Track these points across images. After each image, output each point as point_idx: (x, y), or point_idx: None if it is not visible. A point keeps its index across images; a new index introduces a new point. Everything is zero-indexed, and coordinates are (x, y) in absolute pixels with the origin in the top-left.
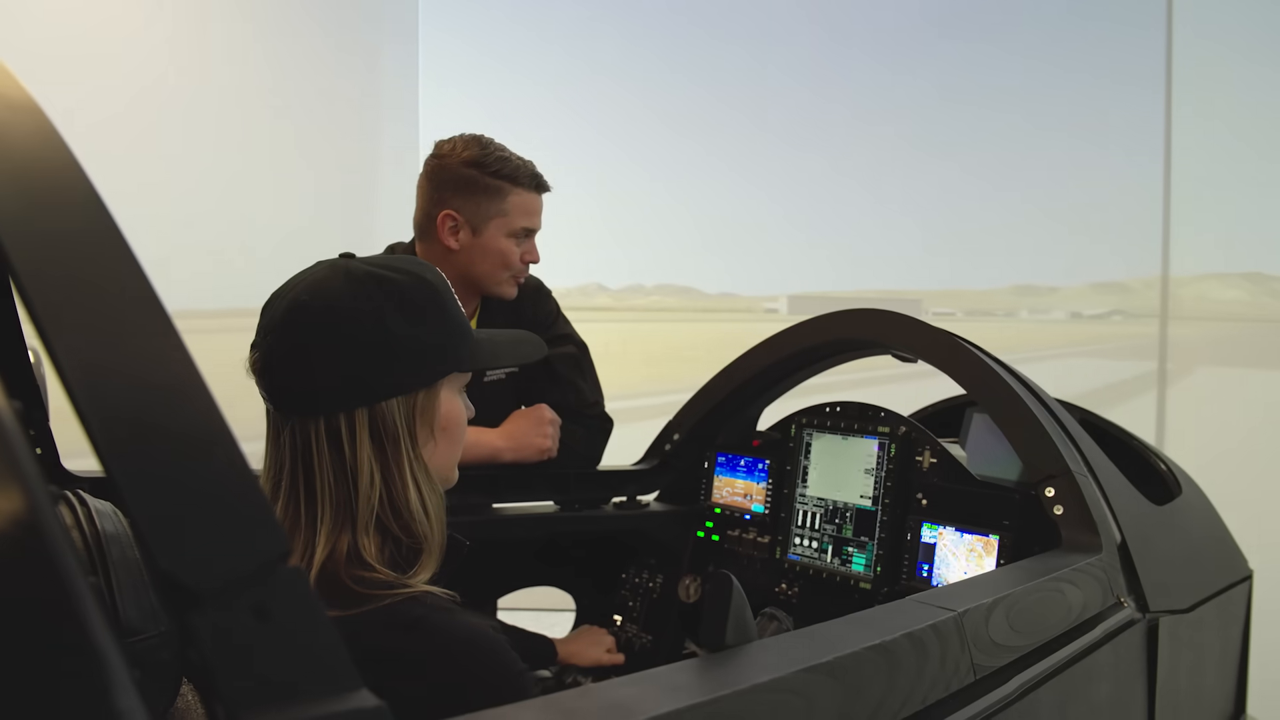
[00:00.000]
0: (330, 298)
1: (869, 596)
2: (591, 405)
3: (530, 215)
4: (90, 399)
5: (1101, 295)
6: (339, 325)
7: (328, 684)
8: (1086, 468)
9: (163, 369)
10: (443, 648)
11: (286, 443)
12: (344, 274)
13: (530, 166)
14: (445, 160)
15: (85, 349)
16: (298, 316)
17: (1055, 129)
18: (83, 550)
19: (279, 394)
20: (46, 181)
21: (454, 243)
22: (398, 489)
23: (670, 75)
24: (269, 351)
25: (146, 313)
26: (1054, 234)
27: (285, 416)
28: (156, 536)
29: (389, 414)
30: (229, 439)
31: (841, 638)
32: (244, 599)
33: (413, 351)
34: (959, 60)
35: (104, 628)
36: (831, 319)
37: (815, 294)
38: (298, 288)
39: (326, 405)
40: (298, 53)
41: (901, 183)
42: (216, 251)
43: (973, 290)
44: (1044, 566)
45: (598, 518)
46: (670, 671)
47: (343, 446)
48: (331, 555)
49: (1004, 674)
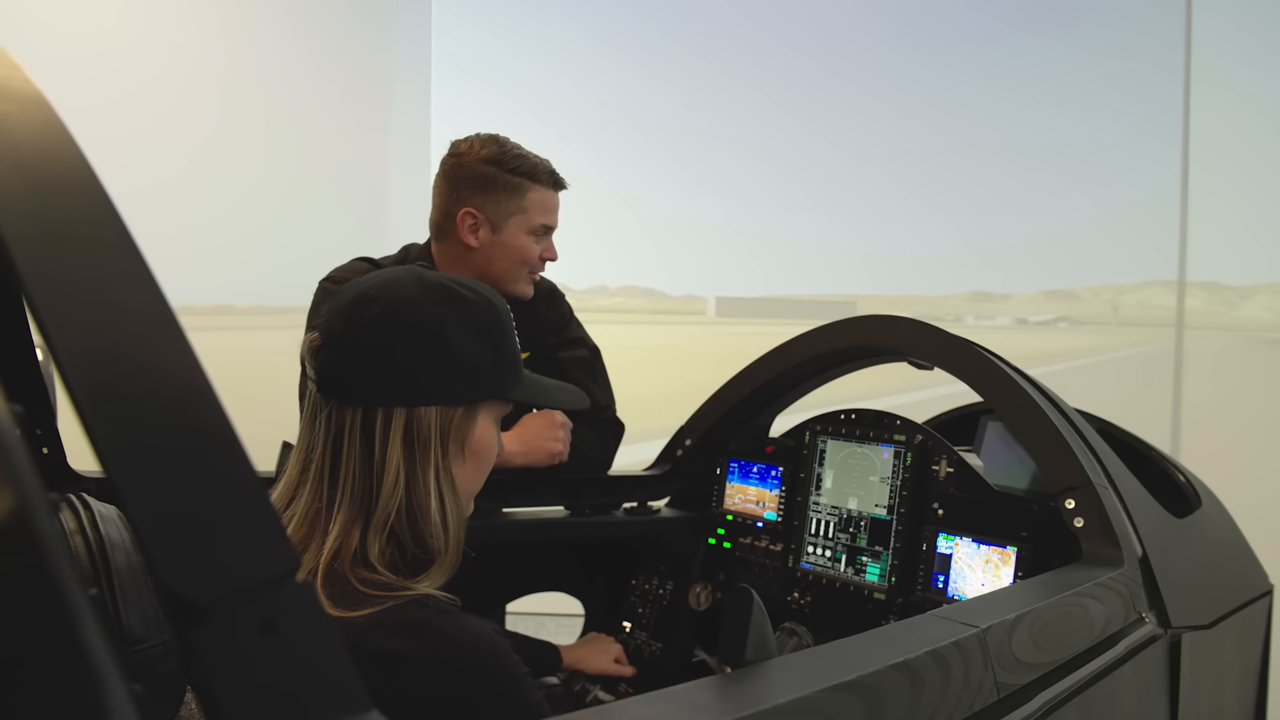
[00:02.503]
0: (400, 297)
1: (883, 607)
2: (603, 409)
3: (549, 212)
4: (93, 403)
5: (1052, 302)
6: (401, 323)
7: (337, 704)
8: (1107, 479)
9: (168, 373)
10: (443, 650)
11: (322, 425)
12: (417, 279)
13: (547, 164)
14: (463, 159)
15: (88, 351)
16: (364, 306)
17: (1017, 138)
18: (85, 557)
19: (326, 376)
20: (53, 178)
21: (474, 240)
22: (420, 495)
23: (639, 77)
24: (328, 333)
25: (152, 315)
26: (1006, 243)
27: (325, 399)
28: (159, 548)
29: (425, 420)
30: (236, 447)
31: (864, 655)
32: (249, 613)
33: (464, 367)
34: (917, 70)
35: (103, 646)
36: (848, 325)
37: (770, 297)
38: (369, 282)
39: (368, 396)
40: (310, 49)
41: (862, 190)
42: (229, 250)
43: (928, 296)
44: (1066, 581)
45: (608, 523)
46: (689, 690)
47: (374, 440)
48: (339, 551)
49: (1027, 692)
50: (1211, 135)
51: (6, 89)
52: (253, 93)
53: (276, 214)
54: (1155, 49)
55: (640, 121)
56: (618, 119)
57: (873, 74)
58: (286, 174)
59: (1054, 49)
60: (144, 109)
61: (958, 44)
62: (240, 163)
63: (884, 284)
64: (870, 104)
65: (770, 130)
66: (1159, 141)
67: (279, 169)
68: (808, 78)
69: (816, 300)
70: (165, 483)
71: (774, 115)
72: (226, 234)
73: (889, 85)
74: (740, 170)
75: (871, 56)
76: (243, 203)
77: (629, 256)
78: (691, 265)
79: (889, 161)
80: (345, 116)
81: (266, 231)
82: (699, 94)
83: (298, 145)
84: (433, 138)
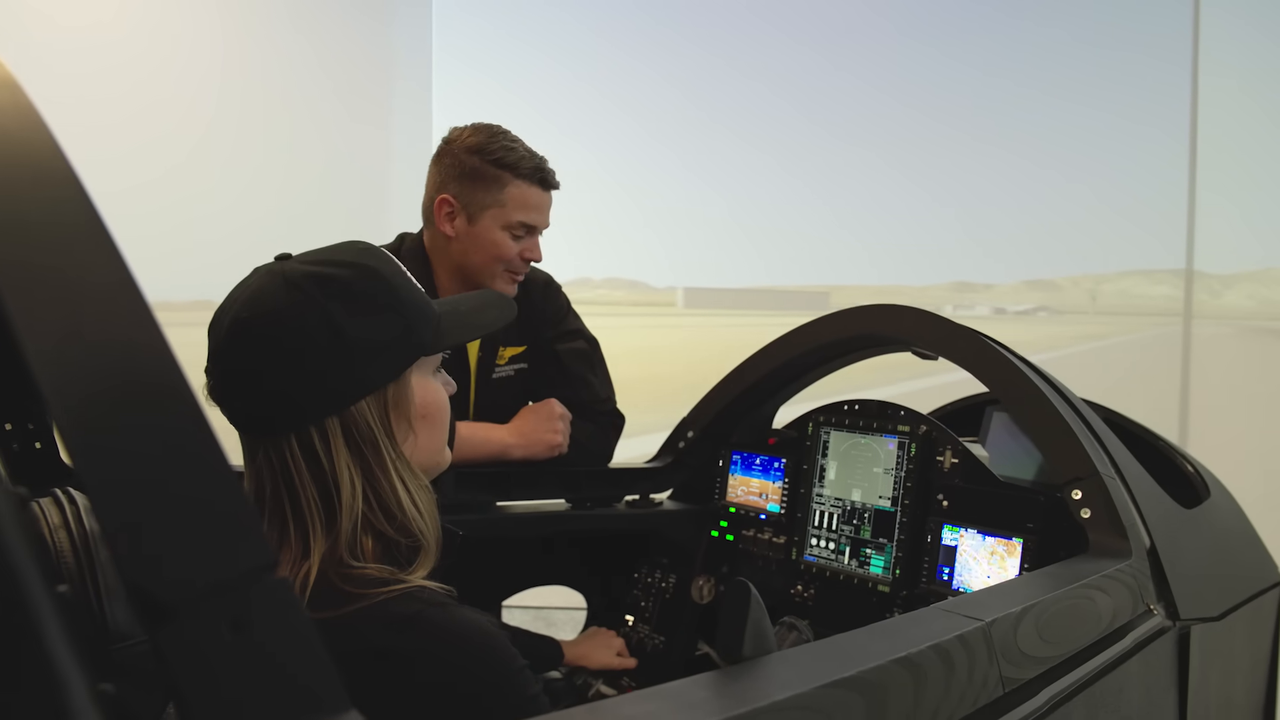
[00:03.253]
0: (272, 310)
1: (887, 600)
2: (603, 401)
3: (529, 210)
4: (59, 393)
5: (1033, 292)
6: (287, 338)
7: (311, 704)
8: (1114, 469)
9: (138, 365)
10: (439, 644)
11: (263, 465)
12: (282, 280)
13: (536, 160)
14: (451, 145)
15: (55, 340)
16: (242, 336)
17: (1001, 128)
18: (69, 552)
19: (242, 418)
20: (21, 163)
21: (449, 229)
22: (385, 491)
23: (634, 66)
24: (222, 378)
25: (124, 303)
26: (989, 233)
27: (256, 439)
28: (124, 543)
29: (361, 417)
30: (209, 439)
31: (864, 650)
32: (220, 611)
33: (372, 347)
34: (902, 59)
35: (65, 646)
36: (852, 314)
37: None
38: (236, 304)
39: (294, 422)
40: (310, 43)
41: (853, 182)
42: (222, 244)
43: (912, 286)
44: (1073, 573)
45: (610, 516)
46: (686, 686)
47: (320, 460)
48: (321, 566)
49: (1033, 686)
50: (1212, 128)
51: None
52: (251, 86)
53: (273, 208)
54: (1152, 38)
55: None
56: (606, 108)
57: (858, 61)
58: (284, 168)
59: (1044, 37)
60: (141, 102)
61: (948, 32)
62: (237, 156)
63: (867, 274)
64: (856, 92)
65: (752, 119)
66: (1153, 131)
67: (276, 163)
68: (789, 64)
69: (795, 291)
70: (132, 475)
71: (757, 103)
72: (226, 228)
73: (873, 73)
74: (720, 159)
75: (859, 43)
76: (240, 197)
77: (614, 248)
78: (662, 256)
79: (878, 150)
80: (345, 108)
81: (264, 226)
82: (703, 84)
83: (295, 139)
84: (434, 132)
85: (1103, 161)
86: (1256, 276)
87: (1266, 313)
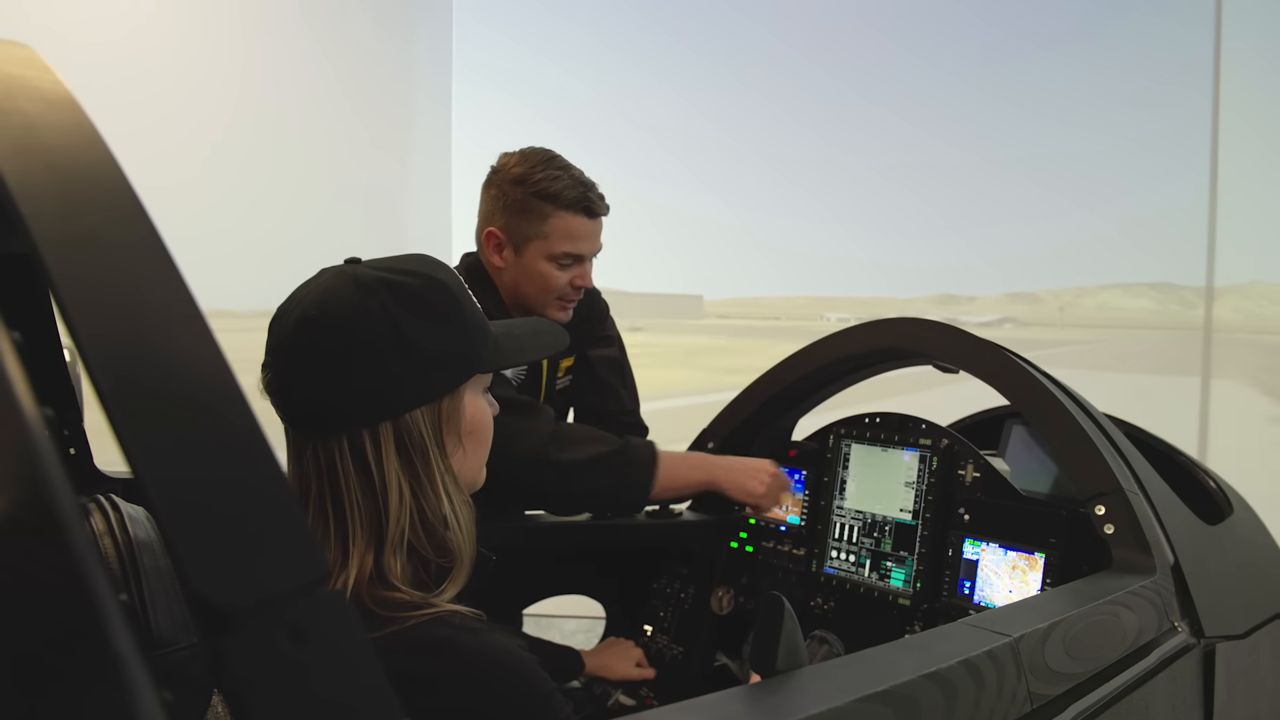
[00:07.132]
0: (341, 309)
1: (908, 613)
2: (629, 413)
3: (574, 240)
4: (123, 404)
5: (1016, 305)
6: (353, 338)
7: (369, 713)
8: (1138, 485)
9: (199, 375)
10: (469, 670)
11: (310, 463)
12: (353, 281)
13: (580, 189)
14: (498, 174)
15: (117, 352)
16: (308, 332)
17: (994, 145)
18: (114, 558)
19: (296, 414)
20: (82, 179)
21: (499, 260)
22: (430, 503)
23: (638, 75)
24: (281, 371)
25: (182, 317)
26: (978, 247)
27: (305, 436)
28: (189, 553)
29: (414, 425)
30: (266, 451)
31: (895, 664)
32: (280, 621)
33: (435, 358)
34: (895, 75)
35: (135, 654)
36: (873, 328)
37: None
38: (305, 300)
39: (348, 423)
40: (329, 58)
41: (851, 198)
42: (248, 251)
43: (897, 299)
44: (1097, 589)
45: (630, 527)
46: (720, 700)
47: (369, 464)
48: (357, 578)
49: (1060, 703)
50: (1206, 141)
51: (37, 90)
52: (272, 101)
53: (287, 221)
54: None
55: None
56: (605, 118)
57: (853, 78)
58: (300, 180)
59: (1033, 57)
60: (159, 113)
61: (940, 49)
62: (249, 166)
63: (859, 285)
64: (851, 108)
65: (740, 131)
66: (1137, 148)
67: (293, 175)
68: (788, 79)
69: (787, 301)
70: (196, 486)
71: (745, 116)
72: (251, 234)
73: (867, 90)
74: (707, 171)
75: (856, 58)
76: (253, 205)
77: (625, 259)
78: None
79: (871, 162)
80: (368, 117)
81: (282, 236)
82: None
83: (311, 154)
84: (453, 147)
85: (1090, 177)
86: (1242, 290)
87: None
